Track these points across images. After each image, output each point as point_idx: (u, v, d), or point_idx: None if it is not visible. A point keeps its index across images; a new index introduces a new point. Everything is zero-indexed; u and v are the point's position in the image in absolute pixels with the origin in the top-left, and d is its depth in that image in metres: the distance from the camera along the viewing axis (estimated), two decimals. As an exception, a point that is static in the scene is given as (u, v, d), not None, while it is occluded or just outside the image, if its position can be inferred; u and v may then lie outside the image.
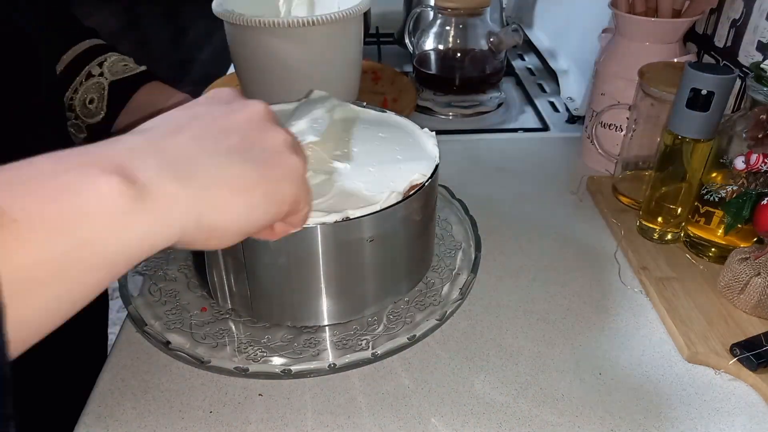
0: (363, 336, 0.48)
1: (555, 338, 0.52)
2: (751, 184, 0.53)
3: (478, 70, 0.92)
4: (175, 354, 0.46)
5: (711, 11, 0.72)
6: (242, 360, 0.46)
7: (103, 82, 0.58)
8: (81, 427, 0.44)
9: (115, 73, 0.59)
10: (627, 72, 0.68)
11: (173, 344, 0.46)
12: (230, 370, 0.45)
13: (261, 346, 0.47)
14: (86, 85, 0.58)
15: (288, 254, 0.45)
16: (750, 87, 0.51)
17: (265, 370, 0.45)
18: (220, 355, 0.46)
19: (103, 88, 0.58)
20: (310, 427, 0.44)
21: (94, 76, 0.58)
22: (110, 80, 0.58)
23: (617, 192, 0.68)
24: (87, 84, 0.58)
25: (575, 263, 0.60)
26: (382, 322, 0.49)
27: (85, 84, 0.58)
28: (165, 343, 0.46)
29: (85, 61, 0.59)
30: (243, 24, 0.65)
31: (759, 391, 0.47)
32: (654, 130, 0.63)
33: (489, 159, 0.79)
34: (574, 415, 0.45)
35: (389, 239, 0.47)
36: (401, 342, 0.47)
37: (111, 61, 0.60)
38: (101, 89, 0.58)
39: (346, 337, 0.48)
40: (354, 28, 0.72)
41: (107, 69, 0.59)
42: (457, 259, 0.56)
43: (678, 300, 0.54)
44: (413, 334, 0.47)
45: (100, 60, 0.59)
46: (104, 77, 0.58)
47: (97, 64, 0.59)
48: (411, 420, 0.45)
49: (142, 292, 0.51)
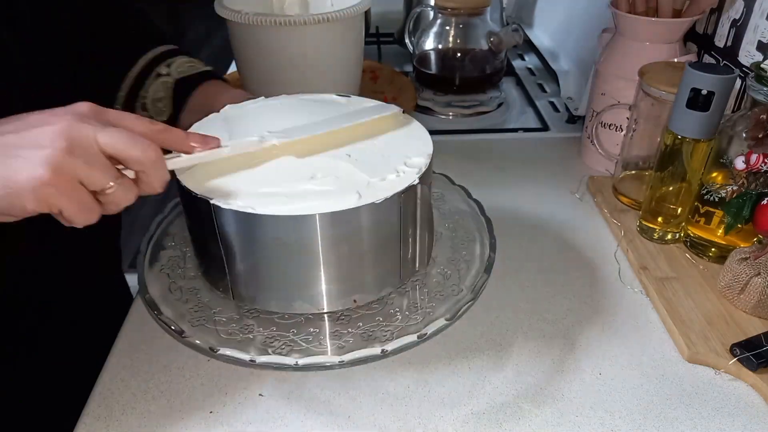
0: (373, 330, 0.47)
1: (555, 338, 0.52)
2: (751, 184, 0.53)
3: (478, 69, 0.92)
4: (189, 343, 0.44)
5: (711, 11, 0.72)
6: (254, 351, 0.45)
7: (169, 81, 0.60)
8: (81, 427, 0.44)
9: (181, 72, 0.61)
10: (627, 72, 0.68)
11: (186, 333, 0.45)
12: (244, 360, 0.43)
13: (281, 339, 0.46)
14: (155, 84, 0.60)
15: (287, 242, 0.44)
16: (750, 87, 0.51)
17: (275, 361, 0.44)
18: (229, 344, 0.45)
19: (168, 87, 0.60)
20: (310, 427, 0.44)
21: (162, 75, 0.60)
22: (175, 78, 0.60)
23: (617, 192, 0.68)
24: (156, 83, 0.60)
25: (575, 263, 0.60)
26: (397, 317, 0.48)
27: (154, 83, 0.60)
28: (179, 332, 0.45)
29: (156, 63, 0.61)
30: (246, 23, 0.65)
31: (759, 391, 0.47)
32: (654, 130, 0.63)
33: (489, 159, 0.79)
34: (574, 415, 0.45)
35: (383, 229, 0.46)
36: (411, 340, 0.45)
37: (179, 62, 0.61)
38: (168, 87, 0.60)
39: (353, 330, 0.47)
40: (356, 26, 0.72)
41: (174, 69, 0.61)
42: (475, 255, 0.54)
43: (678, 300, 0.54)
44: (424, 332, 0.45)
45: (169, 61, 0.61)
46: (170, 76, 0.60)
47: (165, 65, 0.61)
48: (411, 420, 0.45)
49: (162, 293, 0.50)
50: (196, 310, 0.48)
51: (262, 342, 0.46)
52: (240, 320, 0.48)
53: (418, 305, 0.49)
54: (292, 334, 0.47)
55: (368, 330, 0.47)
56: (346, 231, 0.44)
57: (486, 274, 0.50)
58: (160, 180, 0.39)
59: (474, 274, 0.52)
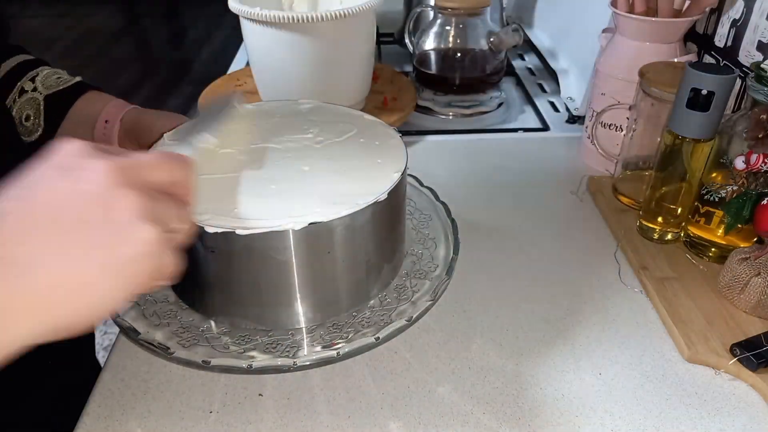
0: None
1: (555, 338, 0.52)
2: (751, 184, 0.53)
3: (478, 69, 0.92)
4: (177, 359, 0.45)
5: (711, 11, 0.72)
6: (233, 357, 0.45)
7: (38, 97, 0.55)
8: (81, 427, 0.44)
9: (49, 86, 0.56)
10: (627, 72, 0.68)
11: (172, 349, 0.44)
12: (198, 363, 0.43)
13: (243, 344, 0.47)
14: (20, 102, 0.55)
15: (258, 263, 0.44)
16: (750, 87, 0.51)
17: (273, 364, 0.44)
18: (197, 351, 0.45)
19: (38, 104, 0.55)
20: (310, 427, 0.44)
21: (27, 92, 0.56)
22: (45, 94, 0.56)
23: (617, 192, 0.68)
24: (21, 101, 0.55)
25: (575, 263, 0.60)
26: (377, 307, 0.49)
27: (19, 101, 0.55)
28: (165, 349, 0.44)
29: (17, 77, 0.57)
30: (260, 20, 0.66)
31: (759, 391, 0.47)
32: (654, 130, 0.63)
33: (489, 159, 0.79)
34: (574, 415, 0.45)
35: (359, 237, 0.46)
36: (400, 325, 0.46)
37: (44, 75, 0.57)
38: (36, 104, 0.55)
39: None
40: (368, 24, 0.72)
41: (40, 83, 0.56)
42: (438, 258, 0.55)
43: (678, 300, 0.54)
44: (378, 335, 0.45)
45: (31, 75, 0.57)
46: (38, 92, 0.56)
47: (29, 80, 0.56)
48: (411, 420, 0.45)
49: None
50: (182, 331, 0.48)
51: (265, 347, 0.46)
52: (233, 332, 0.47)
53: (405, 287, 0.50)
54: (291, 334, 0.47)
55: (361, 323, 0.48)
56: (322, 243, 0.44)
57: (455, 255, 0.52)
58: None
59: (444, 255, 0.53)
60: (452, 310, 0.54)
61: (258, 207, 0.43)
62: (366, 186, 0.45)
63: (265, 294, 0.46)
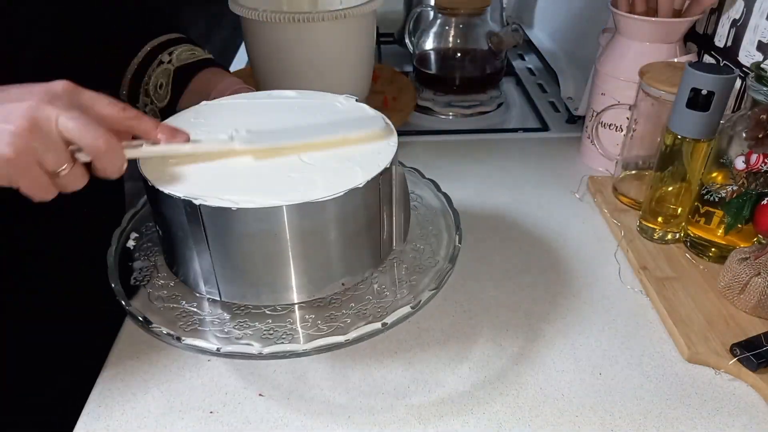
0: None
1: (555, 338, 0.52)
2: (751, 184, 0.53)
3: (479, 70, 0.92)
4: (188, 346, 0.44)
5: (711, 11, 0.72)
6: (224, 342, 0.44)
7: (170, 68, 0.63)
8: (81, 427, 0.44)
9: (182, 59, 0.64)
10: (627, 72, 0.68)
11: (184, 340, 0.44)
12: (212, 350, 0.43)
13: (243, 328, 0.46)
14: (157, 71, 0.63)
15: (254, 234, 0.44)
16: (750, 87, 0.51)
17: (282, 350, 0.44)
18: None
19: (169, 74, 0.63)
20: (310, 427, 0.44)
21: (164, 63, 0.64)
22: (176, 66, 0.64)
23: (617, 192, 0.68)
24: (158, 70, 0.63)
25: (575, 263, 0.60)
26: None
27: (156, 70, 0.63)
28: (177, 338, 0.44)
29: (160, 50, 0.64)
30: (260, 19, 0.66)
31: (759, 391, 0.47)
32: (654, 130, 0.63)
33: (489, 159, 0.79)
34: (574, 415, 0.45)
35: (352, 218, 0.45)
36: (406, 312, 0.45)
37: (180, 50, 0.65)
38: (168, 75, 0.63)
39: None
40: (368, 24, 0.72)
41: (176, 57, 0.64)
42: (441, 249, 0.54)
43: (678, 300, 0.54)
44: (385, 321, 0.45)
45: (171, 50, 0.64)
46: (171, 63, 0.64)
47: (167, 53, 0.64)
48: (411, 420, 0.45)
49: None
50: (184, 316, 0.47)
51: (263, 333, 0.46)
52: (233, 319, 0.47)
53: (403, 280, 0.50)
54: (288, 323, 0.47)
55: (361, 309, 0.47)
56: (318, 222, 0.44)
57: (459, 245, 0.51)
58: (114, 167, 0.40)
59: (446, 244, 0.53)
60: (452, 310, 0.54)
61: (252, 186, 0.43)
62: (359, 161, 0.46)
63: (261, 270, 0.46)
